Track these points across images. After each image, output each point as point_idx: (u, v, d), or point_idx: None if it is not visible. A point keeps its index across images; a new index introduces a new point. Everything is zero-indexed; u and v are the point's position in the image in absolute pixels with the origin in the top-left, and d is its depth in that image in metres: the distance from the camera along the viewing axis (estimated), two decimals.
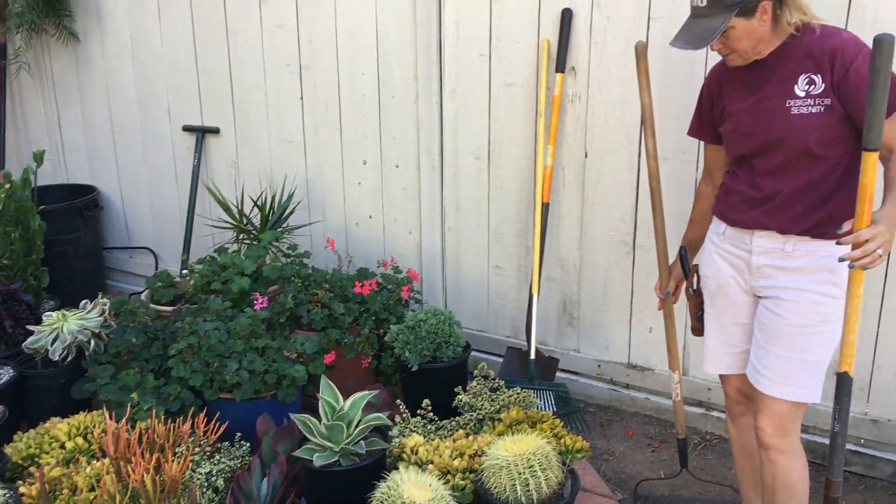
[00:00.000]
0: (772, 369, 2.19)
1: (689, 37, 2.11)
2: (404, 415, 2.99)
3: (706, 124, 2.40)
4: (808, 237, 2.14)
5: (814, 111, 2.06)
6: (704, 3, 2.06)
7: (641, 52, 2.73)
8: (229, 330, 3.08)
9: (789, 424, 2.21)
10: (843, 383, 1.93)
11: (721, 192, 2.35)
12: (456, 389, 3.06)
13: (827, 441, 2.87)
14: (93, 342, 3.26)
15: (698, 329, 2.50)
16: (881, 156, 1.94)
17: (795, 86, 2.09)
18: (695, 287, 2.49)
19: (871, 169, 1.83)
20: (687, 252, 2.55)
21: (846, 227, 1.89)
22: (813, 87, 2.06)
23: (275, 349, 3.05)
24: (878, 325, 2.82)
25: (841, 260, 1.88)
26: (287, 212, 3.89)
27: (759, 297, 2.27)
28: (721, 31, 2.05)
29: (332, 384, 2.64)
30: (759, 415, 2.25)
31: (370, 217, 3.92)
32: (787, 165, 2.13)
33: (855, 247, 1.84)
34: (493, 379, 3.13)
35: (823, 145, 2.07)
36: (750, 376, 2.27)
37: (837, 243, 1.89)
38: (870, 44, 1.84)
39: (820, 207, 2.11)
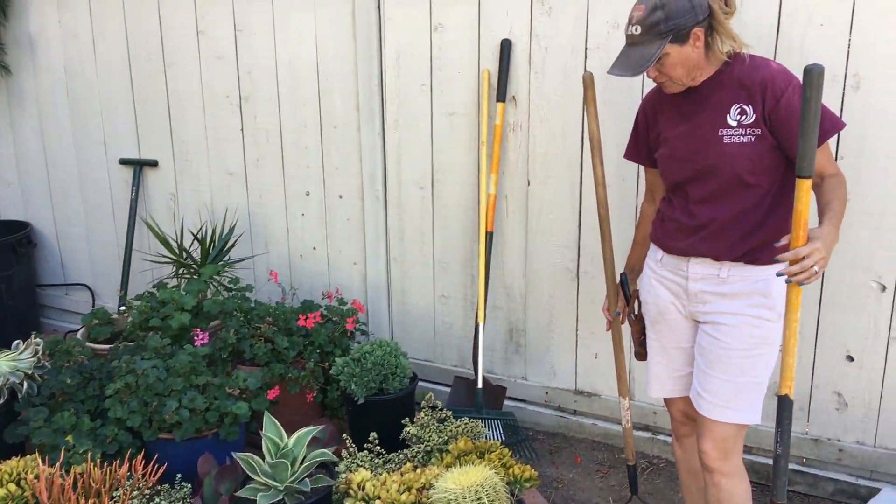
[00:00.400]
0: (713, 393, 2.21)
1: (625, 64, 2.14)
2: (351, 449, 2.94)
3: (642, 148, 2.45)
4: (742, 263, 2.18)
5: (745, 140, 2.11)
6: (639, 31, 2.10)
7: (589, 81, 2.76)
8: (168, 367, 2.99)
9: (732, 447, 2.24)
10: (783, 406, 1.95)
11: (657, 220, 2.39)
12: (403, 421, 3.02)
13: (770, 461, 2.92)
14: (26, 384, 3.14)
15: (641, 354, 2.53)
16: (814, 182, 1.99)
17: (728, 115, 2.14)
18: (636, 312, 2.52)
19: (805, 195, 1.88)
20: (627, 278, 2.58)
21: (783, 241, 1.92)
22: (744, 117, 2.11)
23: (216, 386, 2.98)
24: (815, 346, 2.89)
25: (779, 275, 1.91)
26: (228, 245, 3.82)
27: (699, 322, 2.30)
28: (656, 58, 2.09)
29: (275, 421, 2.58)
30: (701, 438, 2.27)
31: (314, 249, 3.87)
32: (720, 193, 2.18)
33: (792, 263, 1.88)
34: (441, 409, 3.10)
35: (754, 174, 2.12)
36: (693, 400, 2.29)
37: (775, 260, 1.92)
38: (799, 74, 1.89)
39: (753, 234, 2.16)
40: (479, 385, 3.32)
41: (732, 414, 2.20)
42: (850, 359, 2.84)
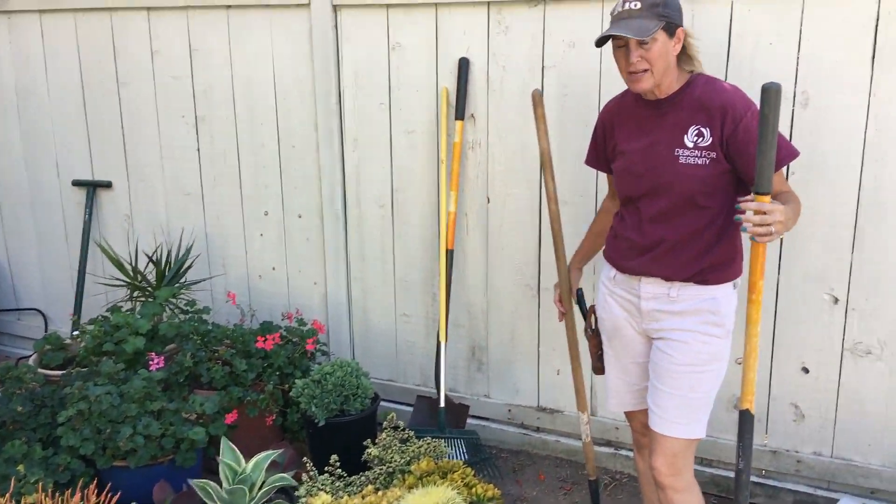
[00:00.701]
0: (663, 408, 2.24)
1: (627, 28, 2.09)
2: (311, 472, 2.89)
3: (601, 156, 2.48)
4: (692, 283, 2.22)
5: (699, 163, 2.14)
6: (638, 6, 2.09)
7: (538, 99, 2.79)
8: (122, 393, 2.92)
9: (682, 462, 2.26)
10: (745, 420, 1.97)
11: (610, 237, 2.43)
12: (365, 443, 2.98)
13: (731, 474, 2.95)
14: None
15: (599, 368, 2.56)
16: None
17: (685, 136, 2.17)
18: (593, 327, 2.54)
19: None
20: (583, 294, 2.61)
21: (748, 198, 1.91)
22: (701, 139, 2.14)
23: (172, 411, 2.91)
24: (772, 359, 2.92)
25: (737, 220, 1.90)
26: (185, 266, 3.76)
27: (652, 338, 2.32)
28: (655, 30, 2.07)
29: (232, 446, 2.53)
30: (653, 454, 2.29)
31: (273, 269, 3.83)
32: (671, 212, 2.21)
33: (756, 215, 1.87)
34: (404, 430, 3.07)
35: (706, 196, 2.16)
36: (649, 415, 2.31)
37: (737, 207, 1.91)
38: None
39: (703, 257, 2.19)
40: (442, 404, 3.30)
41: (681, 429, 2.23)
42: (806, 371, 2.89)
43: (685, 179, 2.15)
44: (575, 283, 2.73)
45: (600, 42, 2.17)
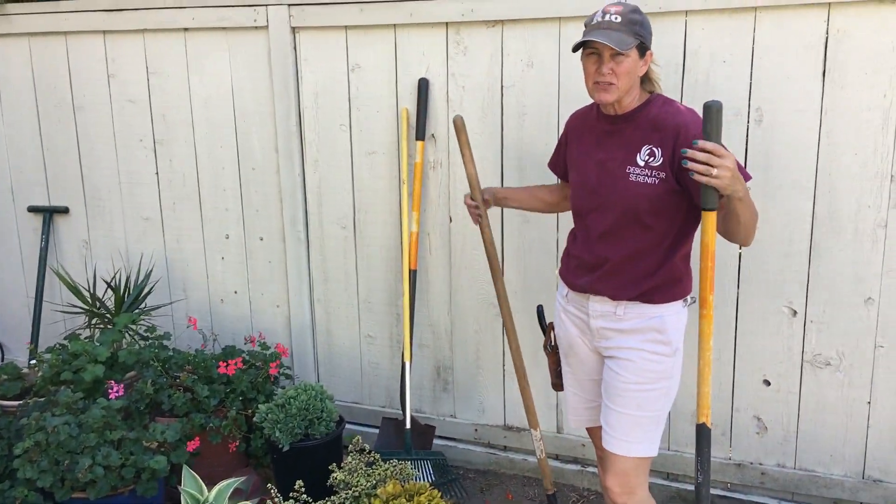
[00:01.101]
0: (613, 426, 2.26)
1: (608, 38, 2.10)
2: (277, 499, 2.85)
3: (560, 162, 2.53)
4: (638, 302, 2.24)
5: (648, 182, 2.17)
6: (619, 20, 2.11)
7: (460, 125, 2.79)
8: (81, 423, 2.86)
9: (634, 481, 2.27)
10: (702, 434, 1.98)
11: (564, 256, 2.47)
12: (331, 467, 2.95)
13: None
14: None
15: (558, 385, 2.59)
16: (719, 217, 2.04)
17: (638, 154, 2.20)
18: (552, 344, 2.55)
19: (711, 228, 1.94)
20: (543, 310, 2.63)
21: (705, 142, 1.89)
22: (653, 158, 2.17)
23: (132, 440, 2.85)
24: (734, 372, 2.95)
25: (683, 153, 1.89)
26: (144, 291, 3.70)
27: (604, 357, 2.35)
28: (632, 46, 2.10)
29: (194, 474, 2.48)
30: (606, 474, 2.31)
31: (236, 292, 3.79)
32: (617, 230, 2.23)
33: (704, 155, 1.86)
34: (369, 452, 3.04)
35: (653, 215, 2.18)
36: (601, 434, 2.32)
37: (694, 143, 1.88)
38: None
39: (648, 277, 2.22)
40: (408, 425, 3.28)
41: (630, 447, 2.24)
42: (767, 383, 2.92)
43: (633, 197, 2.18)
44: (490, 195, 2.74)
45: (577, 47, 2.18)
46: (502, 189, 2.83)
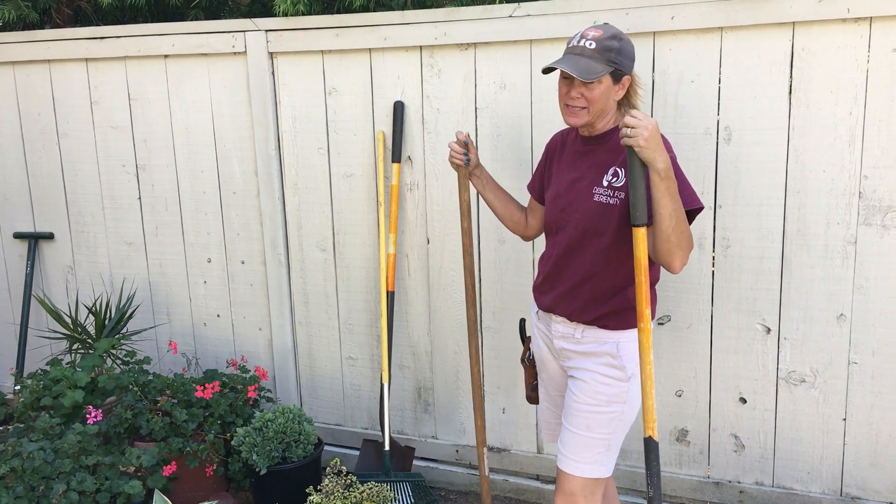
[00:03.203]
0: (565, 444, 2.28)
1: (575, 67, 2.11)
2: None
3: (537, 182, 2.53)
4: (595, 326, 2.26)
5: (610, 202, 2.18)
6: (593, 46, 2.12)
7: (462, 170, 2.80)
8: (56, 449, 2.86)
9: (581, 502, 2.24)
10: (649, 448, 1.99)
11: (537, 275, 2.47)
12: (307, 490, 2.94)
13: None
14: None
15: (533, 398, 2.60)
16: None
17: (605, 175, 2.21)
18: (530, 357, 2.57)
19: (642, 243, 1.97)
20: (524, 323, 2.64)
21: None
22: (616, 179, 2.19)
23: (108, 465, 2.86)
24: (710, 390, 2.95)
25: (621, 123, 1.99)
26: (126, 316, 3.71)
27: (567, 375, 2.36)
28: (602, 74, 2.11)
29: (166, 499, 2.48)
30: (555, 493, 2.30)
31: (218, 316, 3.80)
32: (578, 248, 2.25)
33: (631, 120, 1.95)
34: (347, 475, 3.04)
35: (611, 235, 2.19)
36: None
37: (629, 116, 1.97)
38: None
39: (605, 302, 2.23)
40: (387, 447, 3.27)
41: (577, 466, 2.24)
42: (744, 401, 2.91)
43: (593, 217, 2.19)
44: (479, 168, 2.70)
45: (545, 71, 2.20)
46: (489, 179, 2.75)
